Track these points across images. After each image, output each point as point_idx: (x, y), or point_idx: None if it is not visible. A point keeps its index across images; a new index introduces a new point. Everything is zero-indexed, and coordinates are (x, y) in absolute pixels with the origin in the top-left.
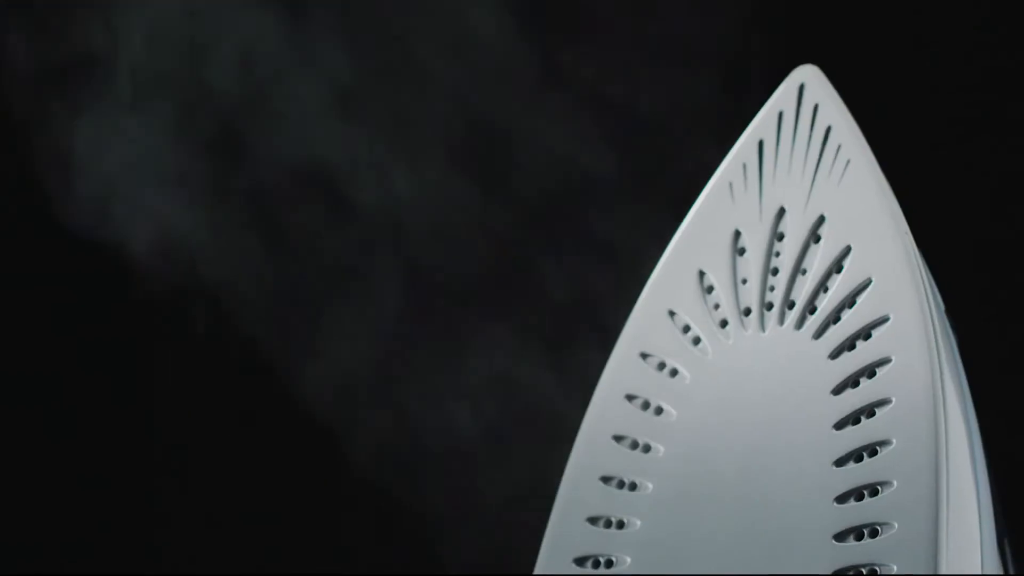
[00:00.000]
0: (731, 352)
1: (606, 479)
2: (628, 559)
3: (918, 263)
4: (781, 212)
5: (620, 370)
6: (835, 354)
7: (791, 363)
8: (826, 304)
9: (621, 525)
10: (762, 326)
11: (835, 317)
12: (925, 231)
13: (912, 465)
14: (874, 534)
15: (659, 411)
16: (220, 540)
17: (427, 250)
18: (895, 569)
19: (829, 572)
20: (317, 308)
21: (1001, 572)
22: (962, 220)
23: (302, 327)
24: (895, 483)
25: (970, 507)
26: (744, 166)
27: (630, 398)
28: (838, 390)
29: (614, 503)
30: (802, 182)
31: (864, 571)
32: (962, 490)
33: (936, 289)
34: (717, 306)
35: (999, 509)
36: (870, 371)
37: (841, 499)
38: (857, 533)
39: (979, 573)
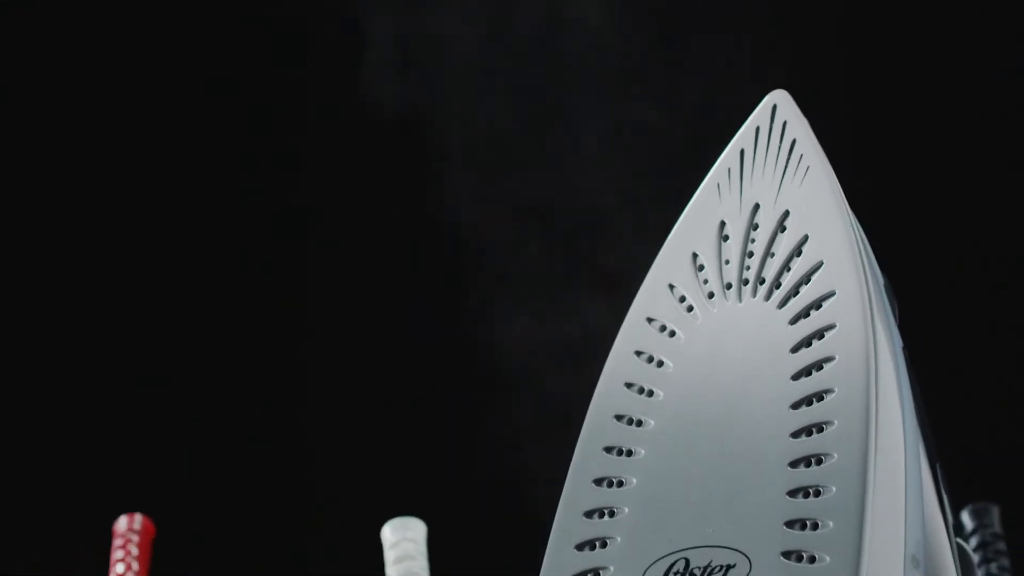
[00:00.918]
0: (715, 318)
1: (619, 417)
2: (634, 480)
3: (862, 248)
4: (756, 207)
5: (631, 331)
6: (794, 320)
7: (760, 327)
8: (788, 280)
9: (630, 453)
10: (739, 297)
11: (795, 291)
12: (869, 222)
13: (850, 408)
14: (819, 462)
15: (660, 364)
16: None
17: None
18: (834, 491)
19: (785, 491)
20: None
21: (935, 491)
22: (901, 210)
23: None
24: (836, 422)
25: (897, 440)
26: (729, 170)
27: (638, 353)
28: (795, 349)
29: (624, 437)
30: (772, 183)
31: (811, 491)
32: (890, 426)
33: (877, 268)
34: (706, 281)
35: (931, 444)
36: (820, 334)
37: (795, 435)
38: (806, 461)
39: (903, 492)
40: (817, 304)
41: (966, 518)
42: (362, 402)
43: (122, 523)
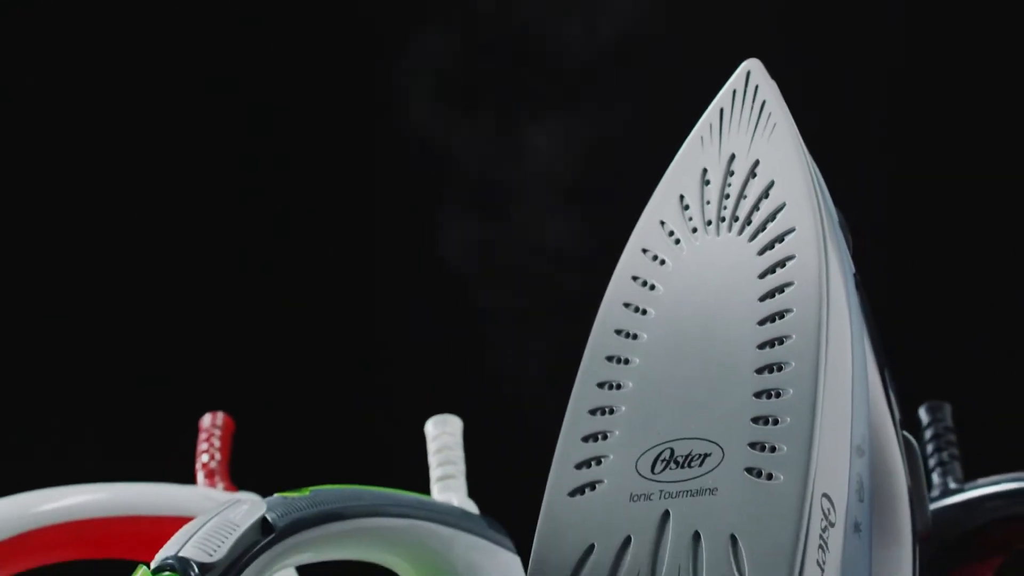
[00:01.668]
0: (698, 249)
1: (618, 331)
2: (630, 383)
3: (818, 192)
4: (732, 156)
5: (628, 260)
6: (761, 252)
7: (734, 257)
8: (757, 218)
9: (627, 362)
10: (717, 232)
11: (762, 227)
12: (827, 168)
13: (805, 325)
14: (780, 369)
15: (652, 287)
16: None
17: None
18: (791, 392)
19: (752, 393)
20: None
21: (883, 392)
22: (856, 155)
23: None
24: (794, 336)
25: (845, 350)
26: (710, 125)
27: (634, 279)
28: (762, 275)
29: (623, 348)
30: (746, 137)
31: (773, 393)
32: (840, 339)
33: (832, 207)
34: (690, 218)
35: (880, 352)
36: (782, 263)
37: (761, 347)
38: (769, 369)
39: (849, 393)
40: (780, 238)
41: (923, 414)
42: (422, 325)
43: (206, 419)
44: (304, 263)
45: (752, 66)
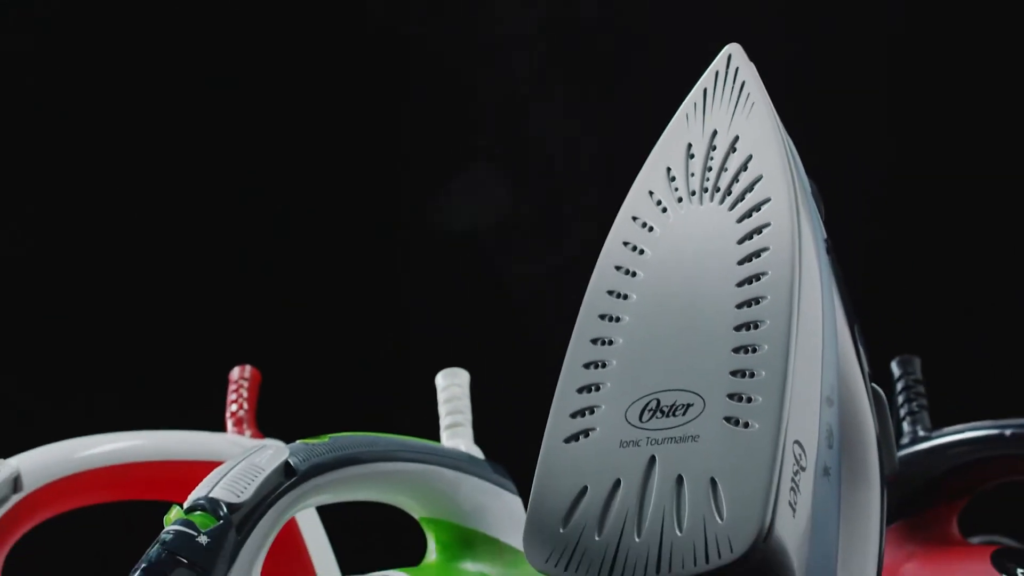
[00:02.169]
0: (683, 217)
1: (610, 292)
2: (621, 340)
3: (793, 165)
4: (715, 132)
5: (619, 226)
6: (740, 220)
7: (716, 224)
8: (736, 189)
9: (618, 320)
10: (700, 201)
11: (741, 197)
12: (800, 143)
13: (779, 287)
14: (756, 327)
15: (641, 252)
16: None
17: None
18: (766, 348)
19: (731, 348)
20: None
21: (853, 347)
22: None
23: None
24: (769, 297)
25: (816, 310)
26: (695, 104)
27: (625, 244)
28: (740, 241)
29: (614, 307)
30: (727, 115)
31: (749, 348)
32: (811, 300)
33: (806, 178)
34: (676, 188)
35: (850, 310)
36: (759, 230)
37: (739, 306)
38: (747, 326)
39: (820, 349)
40: (757, 207)
41: (894, 367)
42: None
43: (235, 372)
44: (328, 228)
45: (733, 50)
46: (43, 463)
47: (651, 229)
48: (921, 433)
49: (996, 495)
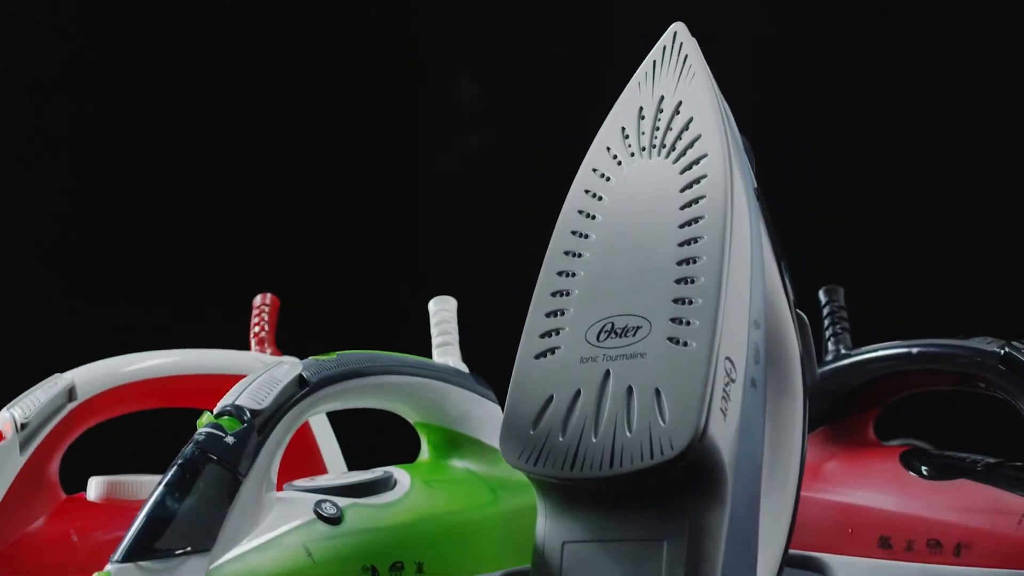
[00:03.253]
0: (634, 169)
1: (573, 232)
2: (582, 272)
3: (727, 125)
4: (662, 98)
5: (582, 177)
6: (682, 171)
7: (662, 175)
8: (679, 146)
9: (579, 255)
10: (650, 156)
11: (683, 153)
12: (734, 104)
13: (714, 228)
14: (694, 262)
15: (600, 199)
16: None
17: None
18: (703, 280)
19: (673, 279)
20: None
21: (779, 279)
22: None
23: None
24: (705, 237)
25: (745, 248)
26: (645, 73)
27: (586, 191)
28: (682, 190)
29: (576, 244)
30: (672, 82)
31: (689, 280)
32: (740, 239)
33: (739, 134)
34: (629, 145)
35: (778, 248)
36: (698, 180)
37: (680, 245)
38: (687, 261)
39: (748, 280)
40: (697, 161)
41: (821, 295)
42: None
43: (258, 299)
44: (345, 165)
45: (678, 28)
46: (94, 376)
47: (608, 179)
48: (843, 351)
49: (911, 404)
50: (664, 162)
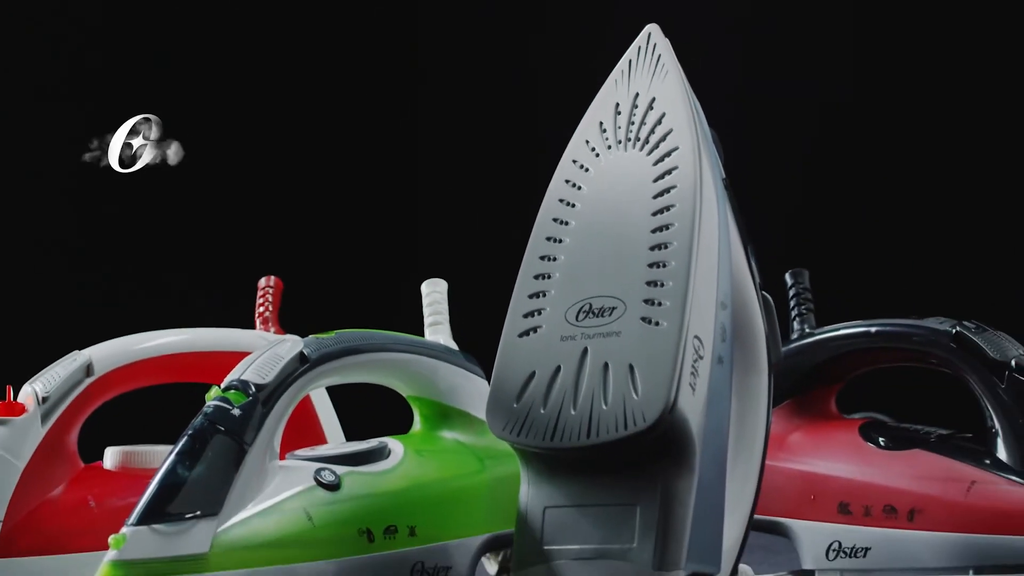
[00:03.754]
0: (611, 160)
1: (554, 219)
2: (562, 256)
3: (697, 120)
4: (637, 94)
5: (562, 168)
6: (655, 163)
7: (636, 167)
8: (653, 139)
9: (560, 241)
10: (625, 148)
11: (656, 145)
12: (705, 101)
13: (684, 216)
14: (665, 247)
15: (579, 188)
16: None
17: None
18: (673, 264)
19: (647, 264)
20: None
21: (746, 262)
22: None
23: None
24: (676, 224)
25: (713, 235)
26: (622, 71)
27: (566, 181)
28: (655, 180)
29: (557, 231)
30: (646, 80)
31: (661, 264)
32: (709, 226)
33: (708, 128)
34: (607, 139)
35: (744, 233)
36: (669, 171)
37: (653, 231)
38: (659, 247)
39: (716, 264)
40: (668, 153)
41: (787, 277)
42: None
43: (262, 281)
44: (348, 154)
45: (652, 29)
46: (110, 353)
47: (587, 170)
48: (807, 330)
49: (870, 380)
50: (638, 154)
